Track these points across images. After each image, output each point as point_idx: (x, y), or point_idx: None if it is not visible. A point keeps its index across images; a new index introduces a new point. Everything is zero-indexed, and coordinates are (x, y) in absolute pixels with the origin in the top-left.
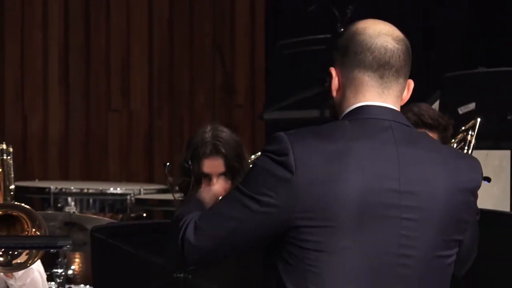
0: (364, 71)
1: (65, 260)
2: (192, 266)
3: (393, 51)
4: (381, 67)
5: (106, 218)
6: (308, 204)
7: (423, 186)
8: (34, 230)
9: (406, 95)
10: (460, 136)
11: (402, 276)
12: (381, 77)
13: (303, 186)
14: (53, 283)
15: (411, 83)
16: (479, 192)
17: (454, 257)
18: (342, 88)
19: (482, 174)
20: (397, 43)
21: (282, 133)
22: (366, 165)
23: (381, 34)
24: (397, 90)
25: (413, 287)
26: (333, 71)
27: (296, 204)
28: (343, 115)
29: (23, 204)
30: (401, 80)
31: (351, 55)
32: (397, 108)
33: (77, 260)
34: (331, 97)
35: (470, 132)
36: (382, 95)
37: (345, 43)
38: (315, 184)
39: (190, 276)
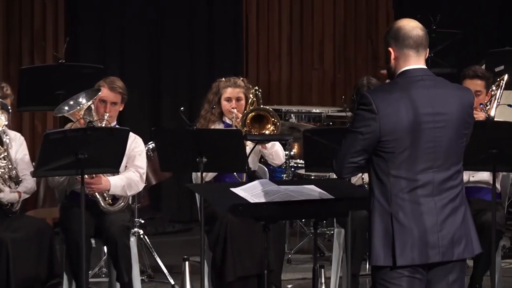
0: (409, 49)
1: (289, 146)
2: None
3: (422, 37)
4: (418, 46)
5: (311, 125)
6: (386, 129)
7: (445, 107)
8: (273, 120)
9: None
10: (497, 83)
11: (439, 152)
12: (418, 51)
13: (382, 120)
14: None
15: (427, 50)
16: (508, 113)
17: (464, 142)
18: (396, 59)
19: (473, 95)
20: (423, 31)
21: (366, 93)
22: (412, 102)
23: (414, 27)
24: (424, 56)
25: (444, 156)
26: (391, 50)
27: (380, 130)
28: (396, 74)
29: (267, 107)
30: (426, 50)
31: (400, 41)
32: (425, 66)
33: (296, 146)
34: (389, 64)
35: (502, 81)
36: (418, 61)
37: (395, 34)
38: (388, 117)
39: None
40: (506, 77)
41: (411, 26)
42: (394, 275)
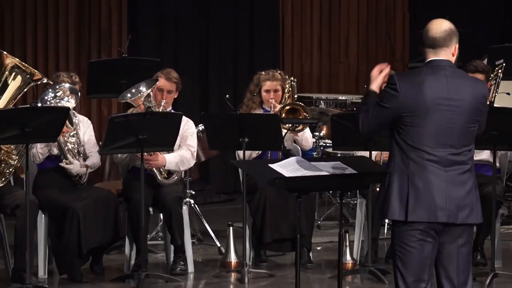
0: (427, 47)
1: (319, 128)
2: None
3: (436, 38)
4: (433, 45)
5: (337, 110)
6: (406, 106)
7: (459, 95)
8: (304, 113)
9: (454, 51)
10: (495, 72)
11: (452, 133)
12: (434, 48)
13: (403, 99)
14: (313, 138)
15: (456, 46)
16: (506, 100)
17: (476, 127)
18: (423, 54)
19: (487, 88)
20: (440, 34)
21: (394, 74)
22: (432, 86)
23: (432, 29)
24: (445, 52)
25: (456, 137)
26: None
27: (401, 106)
28: (423, 64)
29: (300, 103)
30: (445, 48)
31: (424, 41)
32: (448, 59)
33: (324, 128)
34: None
35: (499, 70)
36: (435, 55)
37: (422, 34)
38: (408, 97)
39: None
40: (503, 68)
41: (430, 29)
42: (409, 238)
